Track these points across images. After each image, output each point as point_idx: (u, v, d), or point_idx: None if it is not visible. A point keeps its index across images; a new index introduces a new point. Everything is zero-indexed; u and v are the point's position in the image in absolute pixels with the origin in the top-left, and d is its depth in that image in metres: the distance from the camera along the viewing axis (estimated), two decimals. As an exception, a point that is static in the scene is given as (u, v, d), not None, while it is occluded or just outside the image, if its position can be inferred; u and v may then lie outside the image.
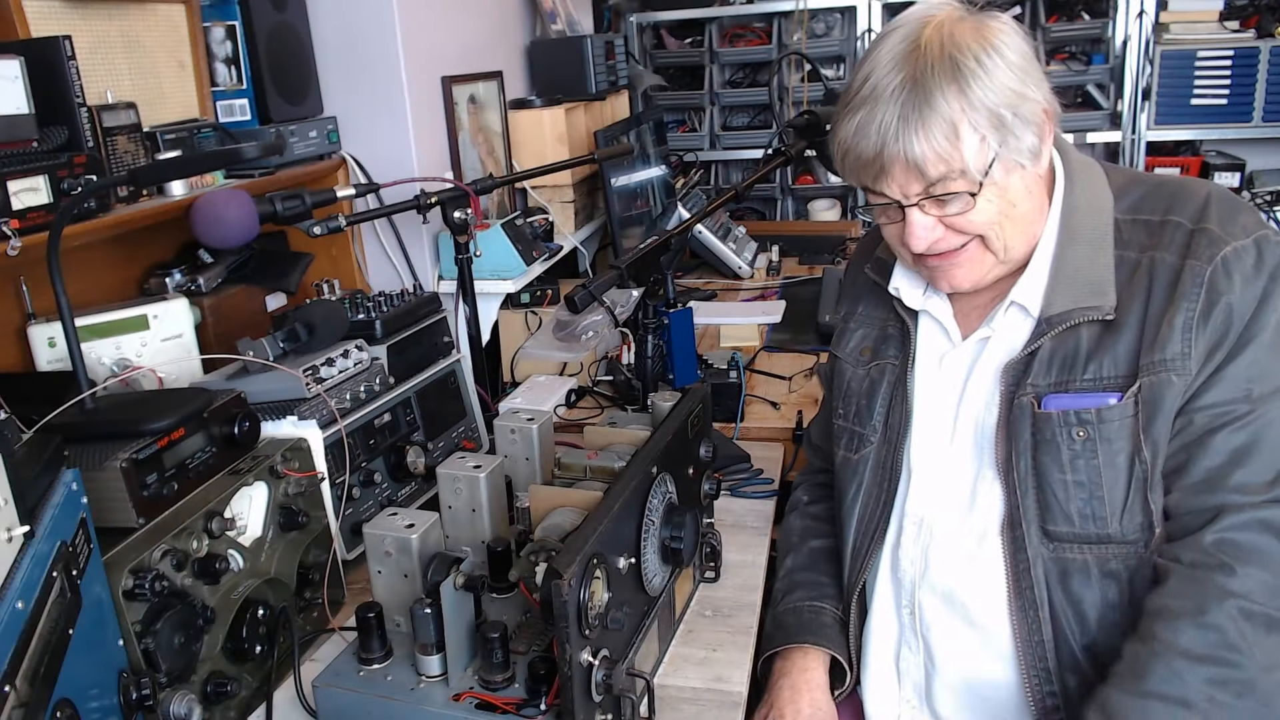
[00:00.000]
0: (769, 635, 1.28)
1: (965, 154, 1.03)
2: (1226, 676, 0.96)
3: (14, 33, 1.31)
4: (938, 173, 1.03)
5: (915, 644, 1.20)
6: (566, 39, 2.69)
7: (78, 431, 1.07)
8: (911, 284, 1.23)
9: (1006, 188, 1.07)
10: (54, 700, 0.79)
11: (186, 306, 1.50)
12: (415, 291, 1.71)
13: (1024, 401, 1.10)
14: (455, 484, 1.21)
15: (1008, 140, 1.04)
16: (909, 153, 1.03)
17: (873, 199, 1.11)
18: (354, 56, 1.97)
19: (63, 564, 0.84)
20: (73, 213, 1.27)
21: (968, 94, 1.02)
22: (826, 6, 3.74)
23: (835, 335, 1.35)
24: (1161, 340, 1.03)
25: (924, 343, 1.23)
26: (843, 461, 1.29)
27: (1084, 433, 1.06)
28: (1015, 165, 1.06)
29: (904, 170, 1.05)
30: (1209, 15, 3.34)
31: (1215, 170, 3.39)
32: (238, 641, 1.10)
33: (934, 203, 1.07)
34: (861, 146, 1.07)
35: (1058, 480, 1.07)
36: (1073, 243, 1.11)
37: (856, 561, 1.25)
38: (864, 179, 1.10)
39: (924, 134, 1.02)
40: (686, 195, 3.05)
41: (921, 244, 1.09)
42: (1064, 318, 1.09)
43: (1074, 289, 1.09)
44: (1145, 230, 1.09)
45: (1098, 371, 1.07)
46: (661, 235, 1.60)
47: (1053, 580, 1.08)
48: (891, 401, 1.23)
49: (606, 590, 0.98)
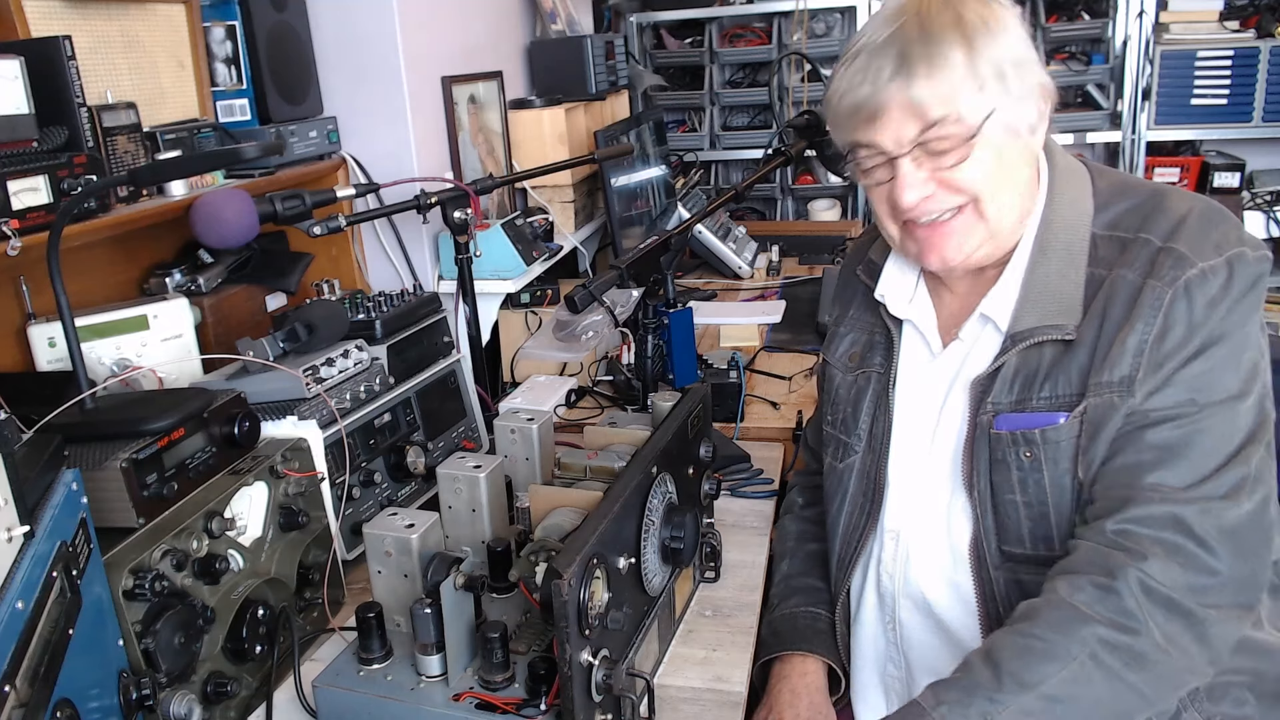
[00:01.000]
0: (765, 641, 1.28)
1: (964, 98, 1.00)
2: (1118, 641, 0.93)
3: (14, 33, 1.31)
4: (935, 114, 1.00)
5: (898, 658, 1.20)
6: (566, 39, 2.70)
7: (78, 431, 1.07)
8: (897, 290, 1.21)
9: (1003, 149, 1.03)
10: (54, 700, 0.79)
11: (186, 306, 1.50)
12: (415, 291, 1.71)
13: (984, 420, 1.08)
14: (455, 484, 1.21)
15: (1007, 96, 1.02)
16: (908, 91, 1.00)
17: (863, 157, 1.08)
18: (354, 56, 1.97)
19: (63, 564, 0.84)
20: (73, 213, 1.27)
21: (972, 42, 1.00)
22: (826, 6, 3.74)
23: (826, 338, 1.34)
24: (1112, 360, 1.00)
25: (907, 352, 1.21)
26: (829, 469, 1.27)
27: (1030, 453, 1.04)
28: (1012, 130, 1.03)
29: (901, 111, 1.02)
30: (1209, 15, 3.34)
31: (1215, 170, 3.39)
32: (238, 641, 1.10)
33: (927, 155, 1.03)
34: (858, 91, 1.04)
35: (1009, 501, 1.06)
36: (1045, 258, 1.08)
37: (841, 570, 1.25)
38: (856, 129, 1.07)
39: (925, 71, 1.00)
40: (686, 195, 3.05)
41: (913, 197, 1.05)
42: (1029, 334, 1.06)
43: (1042, 306, 1.06)
44: (1119, 247, 1.05)
45: (1053, 390, 1.04)
46: (661, 235, 1.60)
47: (1015, 599, 1.05)
48: (876, 411, 1.21)
49: (606, 590, 0.98)
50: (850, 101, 1.05)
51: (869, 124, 1.05)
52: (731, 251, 2.84)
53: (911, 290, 1.21)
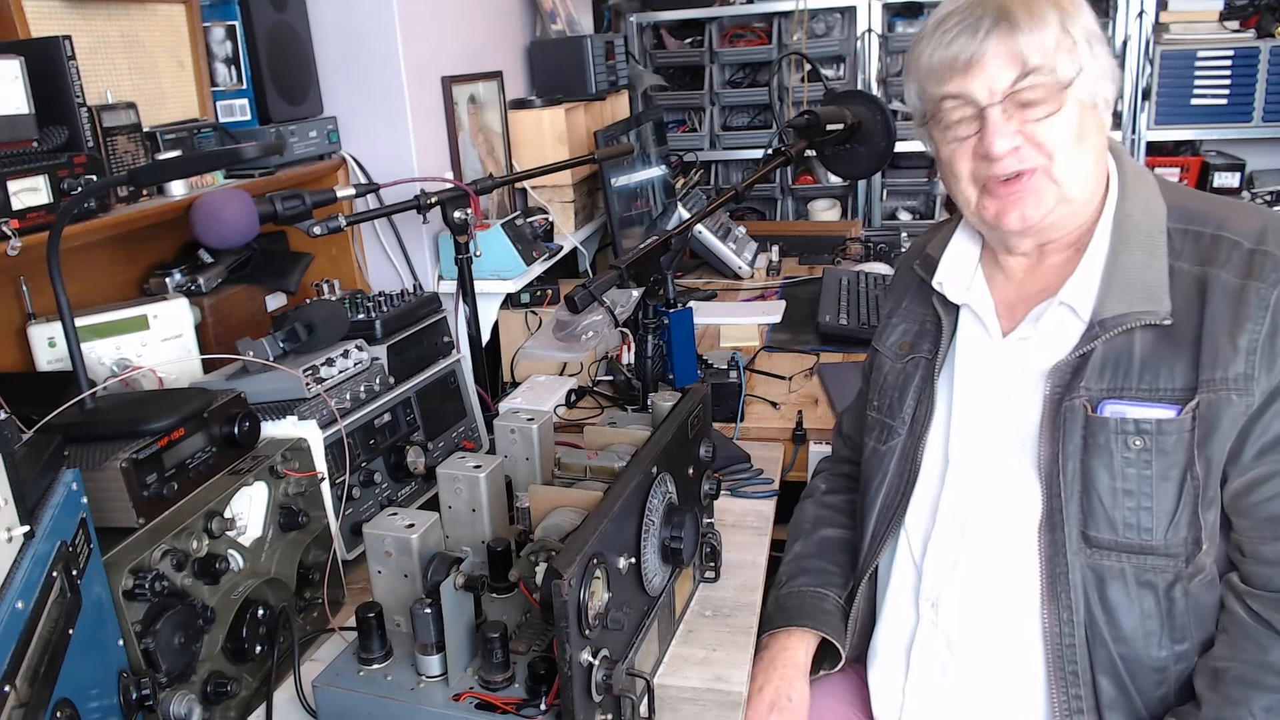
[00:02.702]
0: (769, 617, 1.30)
1: (1060, 53, 1.06)
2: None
3: (14, 33, 1.31)
4: (1034, 62, 1.06)
5: (935, 636, 1.21)
6: (566, 39, 2.69)
7: (78, 431, 1.07)
8: (956, 277, 1.24)
9: (1083, 116, 1.08)
10: (54, 700, 0.79)
11: (186, 306, 1.49)
12: (415, 291, 1.71)
13: (1075, 404, 1.09)
14: (455, 484, 1.21)
15: (1094, 62, 1.07)
16: (1010, 39, 1.06)
17: (949, 109, 1.12)
18: (354, 56, 1.97)
19: (63, 564, 0.84)
20: (73, 213, 1.27)
21: (1064, 7, 1.07)
22: (826, 6, 3.74)
23: (878, 329, 1.37)
24: (1225, 358, 1.02)
25: (964, 338, 1.23)
26: (871, 453, 1.30)
27: (1141, 442, 1.05)
28: (1092, 101, 1.09)
29: (999, 61, 1.07)
30: (1209, 15, 3.34)
31: (1215, 170, 3.39)
32: (238, 641, 1.10)
33: (1016, 107, 1.08)
34: (955, 44, 1.09)
35: (1106, 486, 1.07)
36: (1125, 248, 1.11)
37: (873, 546, 1.27)
38: (948, 80, 1.11)
39: (1027, 24, 1.05)
40: (686, 195, 3.05)
41: (1002, 146, 1.08)
42: (1118, 321, 1.08)
43: (1128, 293, 1.08)
44: (1195, 243, 1.09)
45: (1154, 381, 1.06)
46: (661, 235, 1.59)
47: (1089, 585, 1.08)
48: (920, 395, 1.24)
49: (606, 590, 0.98)
50: (945, 54, 1.10)
51: (964, 74, 1.09)
52: (731, 251, 2.84)
53: (969, 277, 1.24)
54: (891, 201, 4.00)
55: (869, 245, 3.07)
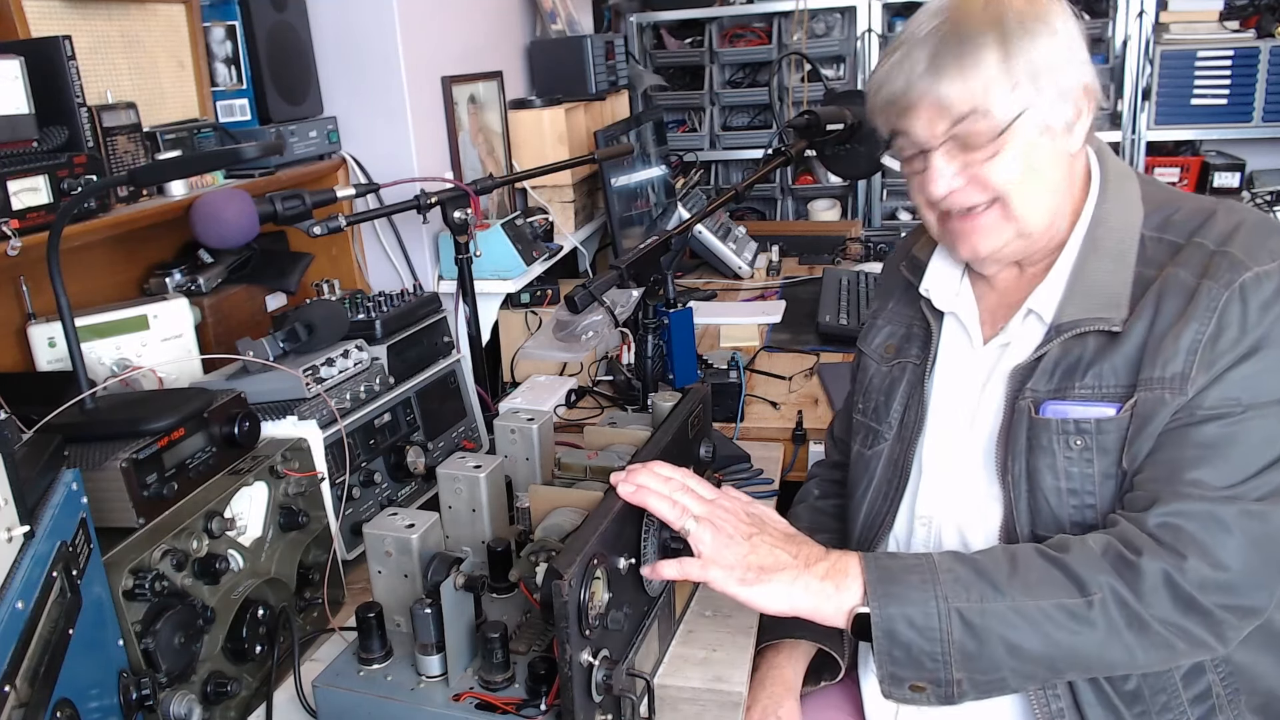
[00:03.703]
0: (767, 627, 1.29)
1: (993, 95, 1.03)
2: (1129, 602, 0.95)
3: (14, 33, 1.31)
4: (962, 109, 1.04)
5: None
6: (566, 39, 2.69)
7: (78, 431, 1.07)
8: (942, 283, 1.23)
9: (1033, 149, 1.06)
10: (54, 700, 0.79)
11: (186, 306, 1.49)
12: (415, 291, 1.71)
13: (1022, 406, 1.09)
14: (455, 484, 1.21)
15: (1041, 97, 1.04)
16: (936, 89, 1.04)
17: (900, 146, 1.12)
18: (354, 56, 1.97)
19: (63, 564, 0.84)
20: (73, 213, 1.27)
21: (1007, 43, 1.03)
22: (826, 6, 3.74)
23: (863, 330, 1.36)
24: (1165, 357, 1.01)
25: (946, 344, 1.23)
26: (857, 456, 1.30)
27: (1081, 441, 1.05)
28: (1046, 129, 1.06)
29: (930, 108, 1.05)
30: (1209, 15, 3.34)
31: (1215, 170, 3.39)
32: (238, 641, 1.10)
33: (960, 148, 1.07)
34: (894, 83, 1.08)
35: (1050, 486, 1.07)
36: (1095, 254, 1.10)
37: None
38: (892, 118, 1.11)
39: (955, 71, 1.03)
40: (686, 195, 3.05)
41: (941, 188, 1.08)
42: (1072, 325, 1.08)
43: (1088, 300, 1.08)
44: (1168, 250, 1.08)
45: (1097, 380, 1.06)
46: (661, 235, 1.59)
47: None
48: (909, 400, 1.24)
49: (606, 590, 0.98)
50: (886, 93, 1.09)
51: (904, 115, 1.09)
52: (731, 251, 2.84)
53: (956, 284, 1.23)
54: (891, 201, 4.00)
55: (869, 245, 3.07)
